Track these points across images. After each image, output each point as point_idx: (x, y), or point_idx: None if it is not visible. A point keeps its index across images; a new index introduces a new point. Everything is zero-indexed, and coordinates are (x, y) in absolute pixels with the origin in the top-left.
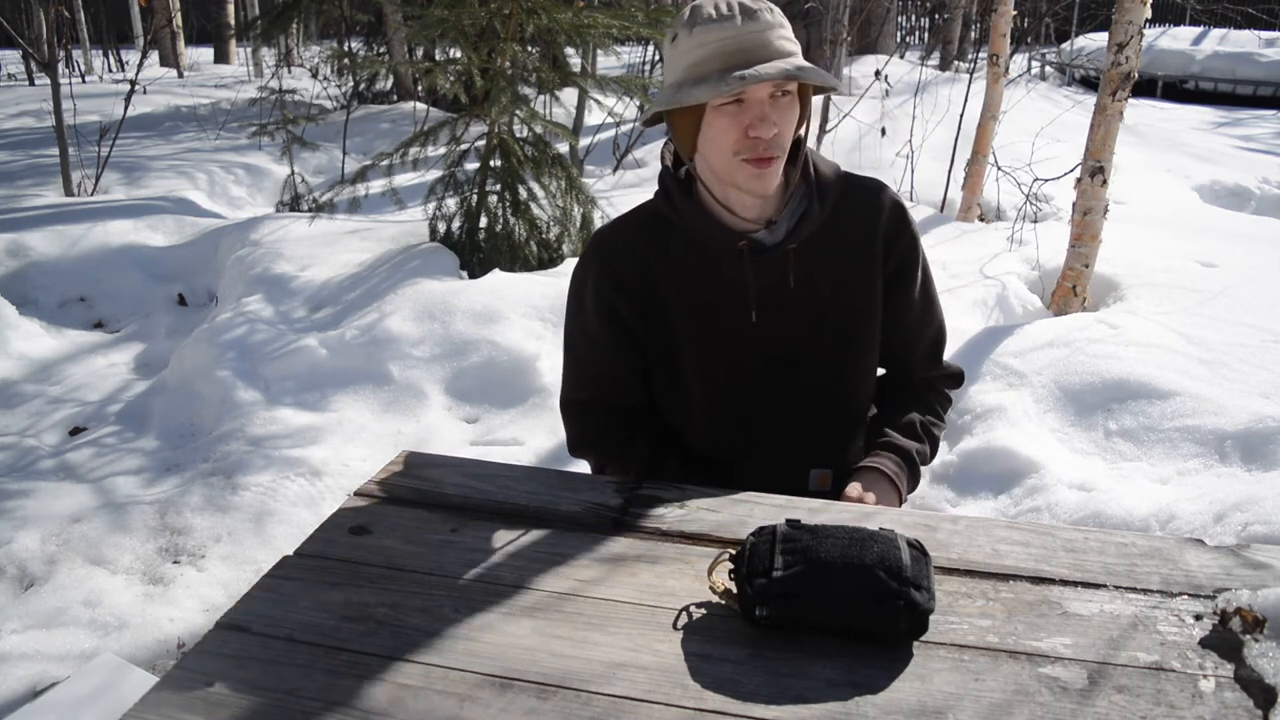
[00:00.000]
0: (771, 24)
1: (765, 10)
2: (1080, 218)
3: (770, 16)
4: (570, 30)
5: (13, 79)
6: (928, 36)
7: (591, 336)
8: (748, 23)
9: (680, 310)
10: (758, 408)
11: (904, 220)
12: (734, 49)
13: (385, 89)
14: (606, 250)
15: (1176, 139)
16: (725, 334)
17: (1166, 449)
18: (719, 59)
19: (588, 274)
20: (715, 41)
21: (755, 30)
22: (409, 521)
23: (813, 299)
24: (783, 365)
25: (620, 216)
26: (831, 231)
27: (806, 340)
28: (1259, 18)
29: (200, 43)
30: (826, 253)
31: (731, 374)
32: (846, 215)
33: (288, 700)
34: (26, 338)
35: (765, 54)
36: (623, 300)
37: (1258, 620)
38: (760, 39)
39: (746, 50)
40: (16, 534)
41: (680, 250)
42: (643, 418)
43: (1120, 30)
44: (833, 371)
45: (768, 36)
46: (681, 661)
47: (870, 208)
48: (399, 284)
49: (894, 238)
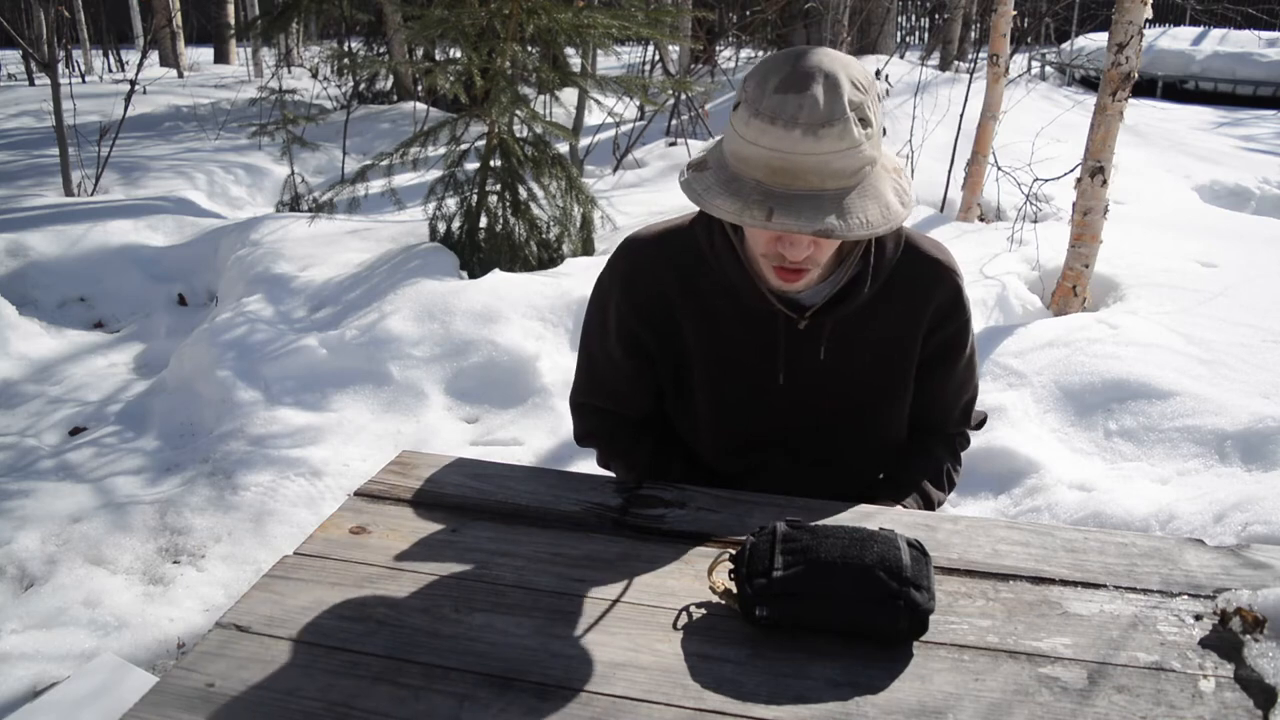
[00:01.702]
0: (837, 150)
1: (834, 135)
2: (1080, 218)
3: (837, 142)
4: (570, 30)
5: (13, 79)
6: (928, 36)
7: (610, 354)
8: (806, 140)
9: (702, 354)
10: (770, 457)
11: (958, 303)
12: (780, 166)
13: (385, 89)
14: (633, 275)
15: (1177, 139)
16: (747, 390)
17: (1166, 449)
18: (761, 169)
19: (612, 292)
20: (766, 150)
21: (811, 153)
22: (409, 521)
23: (844, 367)
24: (803, 426)
25: (653, 233)
26: (877, 299)
27: (831, 405)
28: (1259, 18)
29: (200, 43)
30: (866, 322)
31: (747, 425)
32: (898, 284)
33: (288, 700)
34: (26, 338)
35: (811, 183)
36: (643, 326)
37: (1258, 620)
38: (814, 163)
39: (792, 173)
40: (16, 534)
41: (711, 292)
42: (650, 422)
43: (1120, 30)
44: (854, 434)
45: (825, 161)
46: (681, 661)
47: (925, 282)
48: (399, 284)
49: (941, 322)
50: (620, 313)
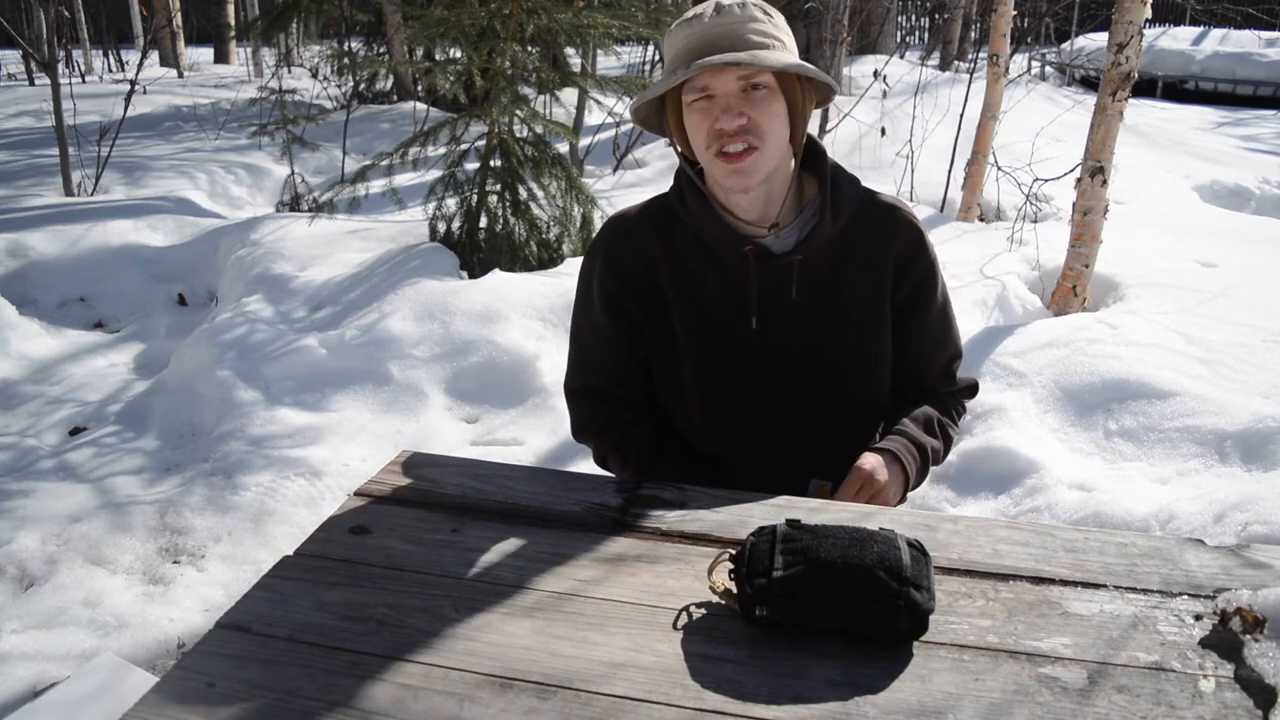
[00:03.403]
0: (744, 18)
1: (739, 6)
2: (1080, 218)
3: (742, 11)
4: (570, 30)
5: (13, 79)
6: (928, 36)
7: (597, 326)
8: (715, 17)
9: (681, 308)
10: (755, 414)
11: (920, 246)
12: (699, 43)
13: (385, 89)
14: (613, 241)
15: (1177, 139)
16: (724, 337)
17: (1166, 449)
18: (685, 55)
19: (594, 263)
20: (684, 38)
21: (723, 23)
22: (409, 521)
23: (815, 312)
24: (782, 375)
25: (632, 207)
26: (842, 247)
27: (808, 352)
28: (1259, 18)
29: (200, 43)
30: (835, 267)
31: (729, 377)
32: (860, 233)
33: (288, 700)
34: (26, 338)
35: (728, 45)
36: (625, 292)
37: (1258, 620)
38: (726, 30)
39: (710, 41)
40: (16, 534)
41: (686, 247)
42: (645, 408)
43: (1120, 30)
44: (835, 386)
45: (735, 29)
46: (681, 661)
47: (885, 229)
48: (399, 284)
49: (907, 263)
50: (604, 283)
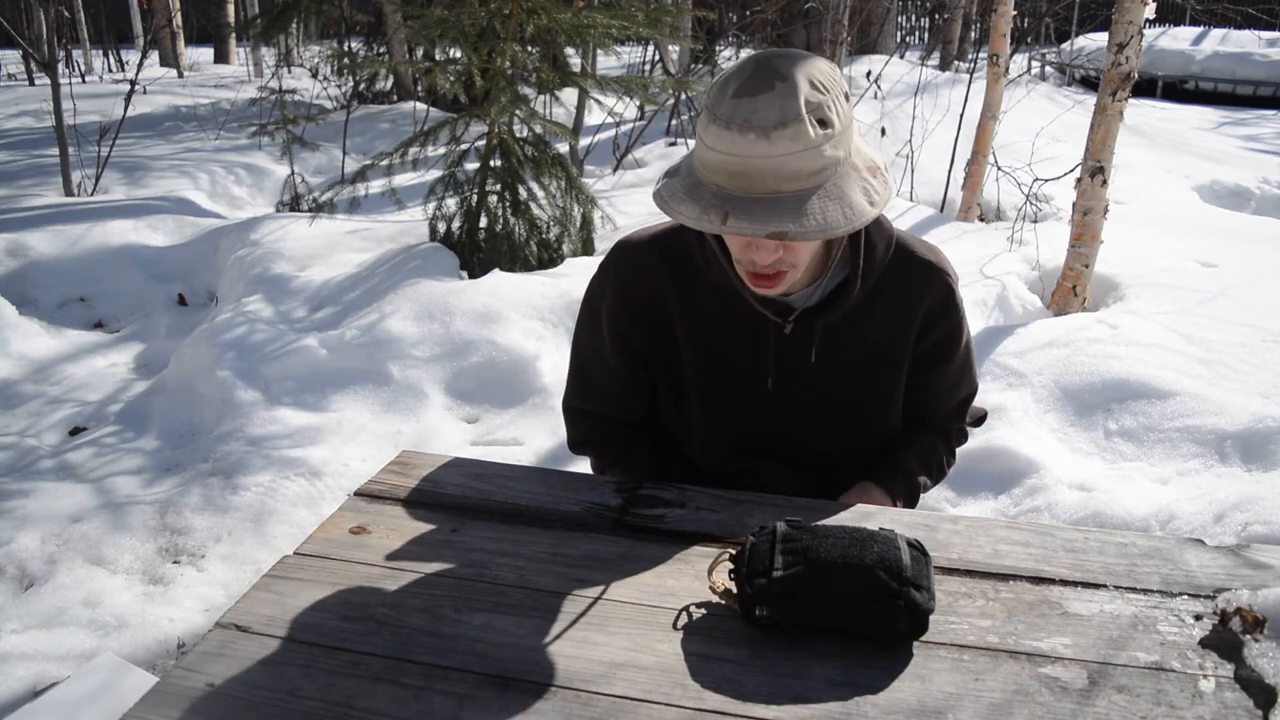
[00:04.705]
0: (791, 151)
1: (788, 137)
2: (1080, 218)
3: (792, 144)
4: (570, 30)
5: (13, 79)
6: (928, 36)
7: (603, 357)
8: (760, 143)
9: (693, 356)
10: (761, 450)
11: (949, 303)
12: (737, 170)
13: (385, 89)
14: (625, 274)
15: (1178, 138)
16: (738, 393)
17: (1166, 449)
18: (721, 174)
19: (604, 293)
20: (724, 154)
21: (765, 156)
22: (409, 521)
23: (835, 370)
24: (794, 427)
25: (646, 236)
26: (869, 300)
27: (822, 408)
28: (1259, 18)
29: (200, 43)
30: (858, 322)
31: (738, 425)
32: (890, 285)
33: (288, 700)
34: (26, 338)
35: (767, 185)
36: (637, 331)
37: (1258, 620)
38: (769, 166)
39: (749, 177)
40: (16, 534)
41: (703, 293)
42: (645, 426)
43: (1120, 30)
44: (845, 434)
45: (779, 164)
46: (681, 661)
47: (918, 283)
48: (399, 284)
49: (935, 320)
50: (612, 315)
